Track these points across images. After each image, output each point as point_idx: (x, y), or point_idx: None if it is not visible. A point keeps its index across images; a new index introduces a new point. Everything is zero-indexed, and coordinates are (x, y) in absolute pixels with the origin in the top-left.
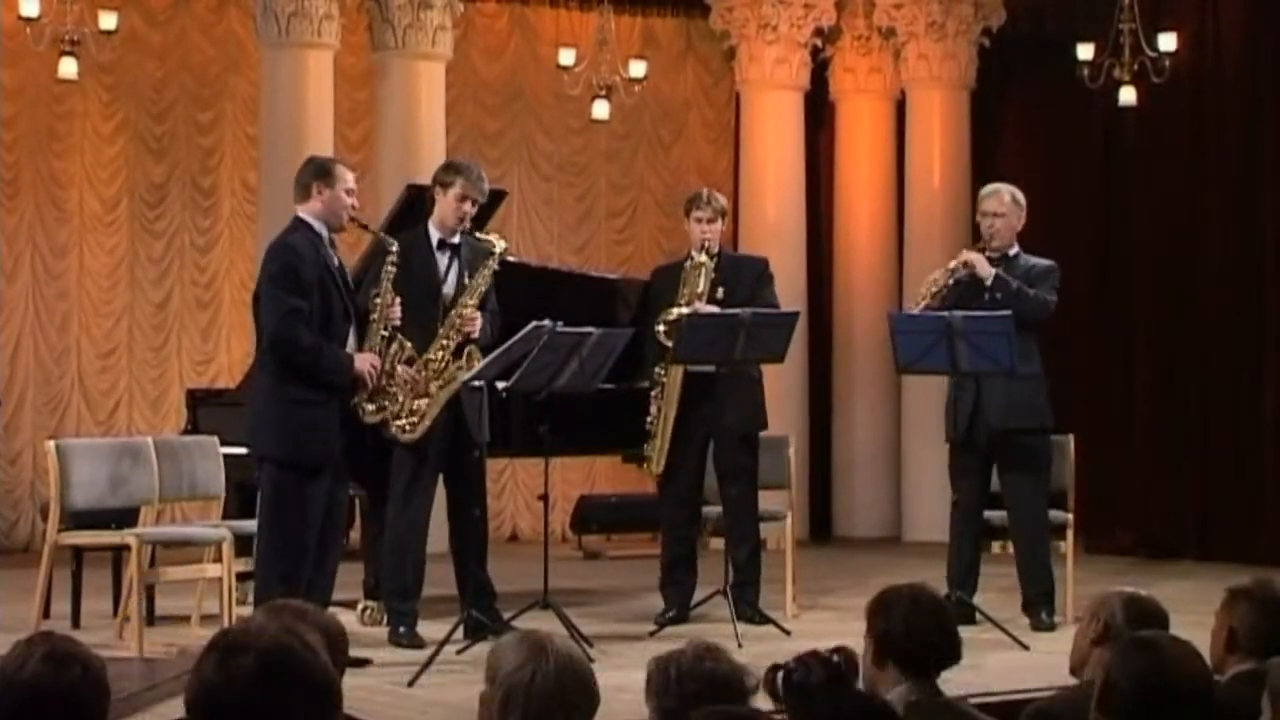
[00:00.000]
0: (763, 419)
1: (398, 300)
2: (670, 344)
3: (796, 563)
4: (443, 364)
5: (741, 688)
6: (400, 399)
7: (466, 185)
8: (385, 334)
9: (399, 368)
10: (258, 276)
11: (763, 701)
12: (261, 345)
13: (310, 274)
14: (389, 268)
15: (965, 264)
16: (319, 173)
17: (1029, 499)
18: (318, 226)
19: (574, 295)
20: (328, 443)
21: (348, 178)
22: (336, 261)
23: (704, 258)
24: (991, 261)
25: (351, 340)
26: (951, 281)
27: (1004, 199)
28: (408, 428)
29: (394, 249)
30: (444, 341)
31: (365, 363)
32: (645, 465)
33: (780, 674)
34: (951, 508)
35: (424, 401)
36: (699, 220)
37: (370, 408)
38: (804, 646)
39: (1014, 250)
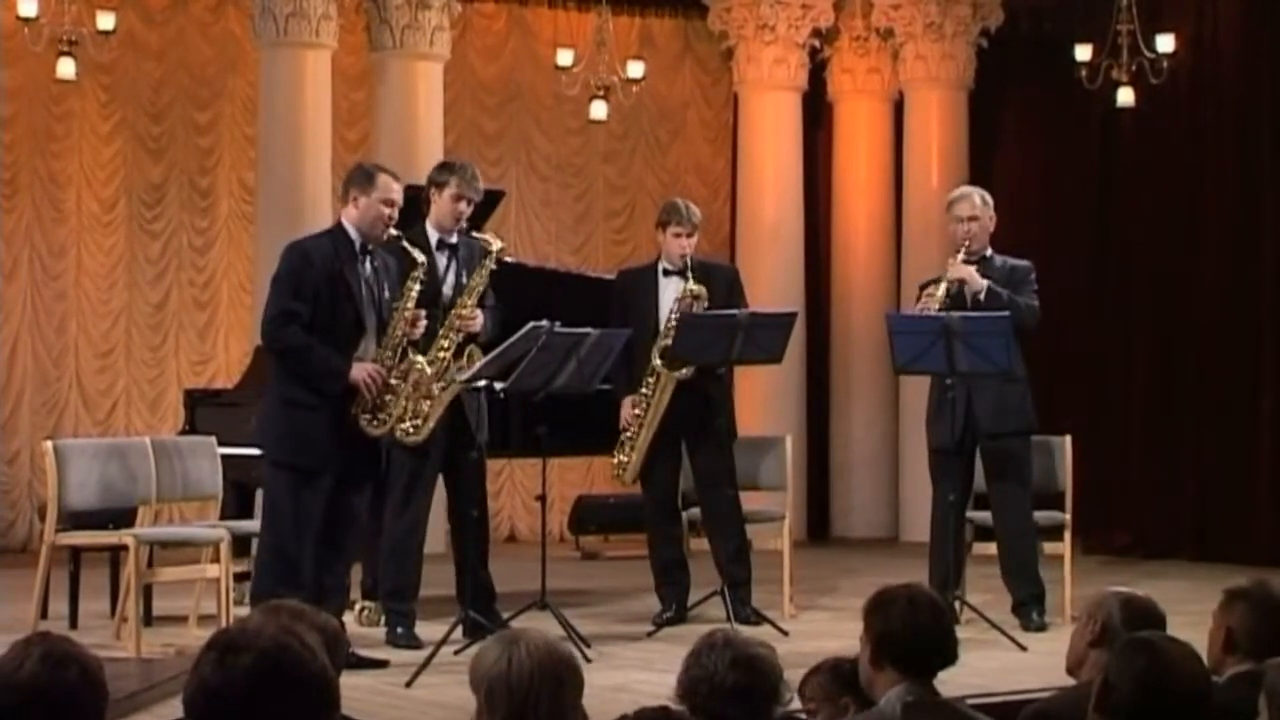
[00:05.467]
0: (733, 425)
1: (422, 316)
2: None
3: (794, 563)
4: (444, 365)
5: (774, 696)
6: (403, 402)
7: (461, 184)
8: (402, 347)
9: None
10: None
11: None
12: None
13: (317, 280)
14: (413, 284)
15: (959, 280)
16: (359, 179)
17: (1015, 502)
18: (352, 233)
19: (572, 296)
20: (321, 447)
21: (391, 189)
22: (369, 270)
23: (697, 286)
24: (968, 264)
25: (372, 348)
26: (947, 299)
27: (975, 202)
28: (411, 430)
29: (422, 264)
30: (444, 342)
31: (362, 372)
32: (618, 475)
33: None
34: (934, 509)
35: (428, 403)
36: (677, 235)
37: (367, 419)
38: (801, 647)
39: (988, 252)
